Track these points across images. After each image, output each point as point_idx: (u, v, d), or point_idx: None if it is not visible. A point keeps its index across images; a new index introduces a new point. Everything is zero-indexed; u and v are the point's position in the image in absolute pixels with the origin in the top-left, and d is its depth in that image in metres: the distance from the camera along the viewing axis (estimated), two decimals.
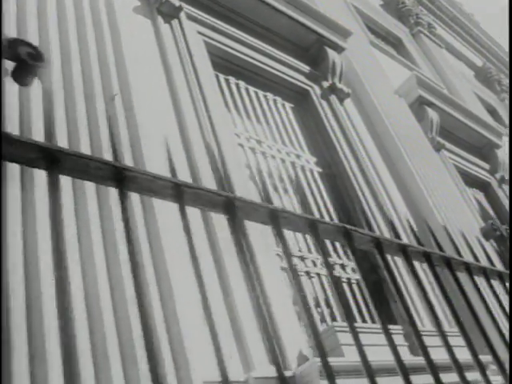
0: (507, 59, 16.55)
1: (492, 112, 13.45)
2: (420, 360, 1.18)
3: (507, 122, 13.56)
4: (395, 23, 10.46)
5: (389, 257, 1.38)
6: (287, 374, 2.52)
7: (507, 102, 14.50)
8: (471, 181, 8.04)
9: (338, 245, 4.37)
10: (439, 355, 1.34)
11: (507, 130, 12.54)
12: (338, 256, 4.31)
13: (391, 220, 1.44)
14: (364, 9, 9.16)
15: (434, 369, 1.17)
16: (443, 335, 1.25)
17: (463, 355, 1.31)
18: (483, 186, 8.31)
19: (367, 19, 9.09)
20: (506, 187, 8.63)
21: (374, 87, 6.05)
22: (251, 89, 4.84)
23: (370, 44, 7.78)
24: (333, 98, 5.31)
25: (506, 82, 15.45)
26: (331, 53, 5.58)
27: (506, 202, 8.30)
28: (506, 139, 10.07)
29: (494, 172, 8.59)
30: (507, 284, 1.61)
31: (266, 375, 2.44)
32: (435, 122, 6.98)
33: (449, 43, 13.46)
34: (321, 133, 5.06)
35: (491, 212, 7.96)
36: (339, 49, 5.75)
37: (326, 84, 5.42)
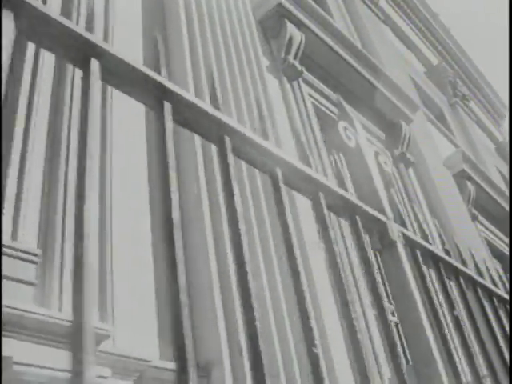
0: (471, 69, 14.98)
1: (439, 115, 11.75)
2: None
3: (453, 126, 11.87)
4: None
5: None
6: None
7: (458, 107, 12.84)
8: None
9: None
10: None
11: (449, 133, 10.85)
12: None
13: None
14: None
15: None
16: None
17: None
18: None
19: None
20: (406, 170, 6.84)
21: None
22: None
23: None
24: None
25: (463, 89, 13.82)
26: None
27: (407, 187, 6.51)
28: (420, 114, 8.32)
29: (393, 146, 6.81)
30: None
31: None
32: (296, 43, 5.17)
33: (399, 28, 11.80)
34: None
35: None
36: None
37: None
